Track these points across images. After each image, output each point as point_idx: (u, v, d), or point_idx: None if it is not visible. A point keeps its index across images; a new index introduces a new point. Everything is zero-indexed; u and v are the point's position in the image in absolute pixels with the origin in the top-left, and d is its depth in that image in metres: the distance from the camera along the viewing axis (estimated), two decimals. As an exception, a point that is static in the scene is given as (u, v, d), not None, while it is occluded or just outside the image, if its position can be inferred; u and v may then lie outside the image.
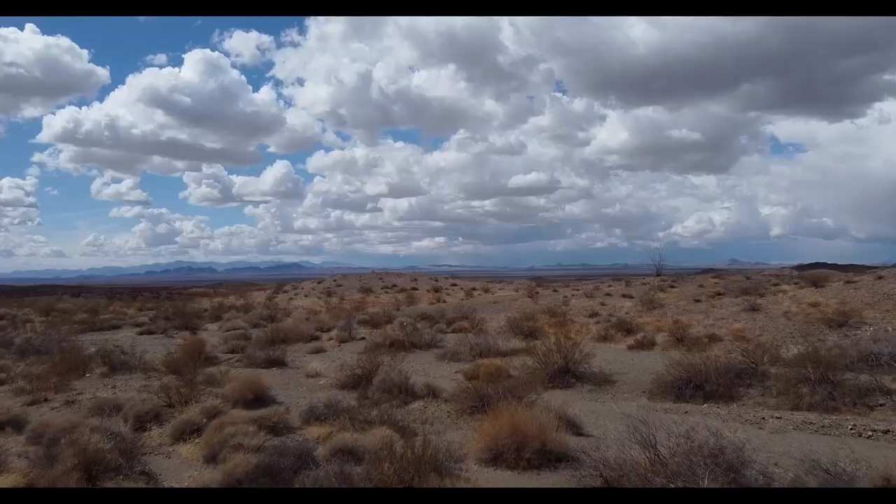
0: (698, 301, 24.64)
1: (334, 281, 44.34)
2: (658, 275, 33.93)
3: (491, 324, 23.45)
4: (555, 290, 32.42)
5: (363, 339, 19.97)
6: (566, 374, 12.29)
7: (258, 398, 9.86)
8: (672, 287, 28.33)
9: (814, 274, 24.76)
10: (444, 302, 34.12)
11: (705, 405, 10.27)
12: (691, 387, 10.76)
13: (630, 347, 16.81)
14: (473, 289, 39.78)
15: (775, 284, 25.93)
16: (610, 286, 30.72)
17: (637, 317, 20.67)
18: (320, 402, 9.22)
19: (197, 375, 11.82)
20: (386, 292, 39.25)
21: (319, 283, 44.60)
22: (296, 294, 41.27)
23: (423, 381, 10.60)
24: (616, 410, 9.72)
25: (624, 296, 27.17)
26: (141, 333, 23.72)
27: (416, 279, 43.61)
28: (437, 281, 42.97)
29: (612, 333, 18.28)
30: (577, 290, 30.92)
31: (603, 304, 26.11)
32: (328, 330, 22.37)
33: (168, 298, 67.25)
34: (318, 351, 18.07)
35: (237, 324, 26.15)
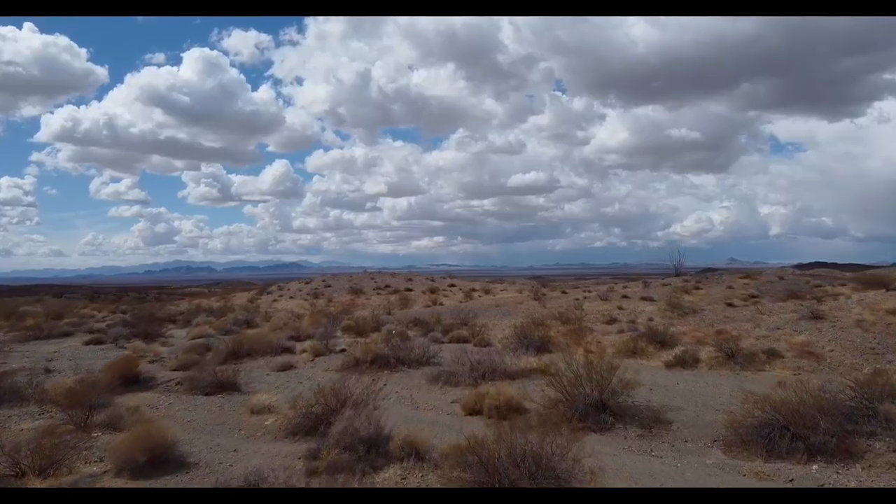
0: (731, 305, 21.48)
1: (323, 281, 41.07)
2: (678, 274, 30.70)
3: (494, 332, 20.23)
4: (563, 292, 29.20)
5: (343, 350, 16.76)
6: (602, 411, 9.07)
7: (156, 460, 6.62)
8: (697, 288, 25.13)
9: (872, 274, 21.53)
10: (441, 305, 30.91)
11: (814, 467, 7.07)
12: (788, 436, 7.54)
13: (668, 365, 13.60)
14: (473, 290, 36.54)
15: (817, 286, 22.73)
16: (626, 287, 27.52)
17: (667, 324, 17.46)
18: (249, 470, 6.03)
19: (95, 414, 8.60)
20: (378, 293, 36.03)
21: (307, 283, 41.31)
22: (281, 295, 38.02)
23: (403, 429, 7.34)
24: (688, 477, 6.52)
25: (644, 299, 23.96)
26: (88, 343, 20.47)
27: (410, 279, 40.36)
28: (433, 281, 39.72)
29: (642, 346, 15.07)
30: (589, 291, 27.73)
31: (621, 307, 22.92)
32: (306, 338, 19.16)
33: (156, 299, 64.11)
34: (287, 368, 14.86)
35: (204, 330, 22.95)
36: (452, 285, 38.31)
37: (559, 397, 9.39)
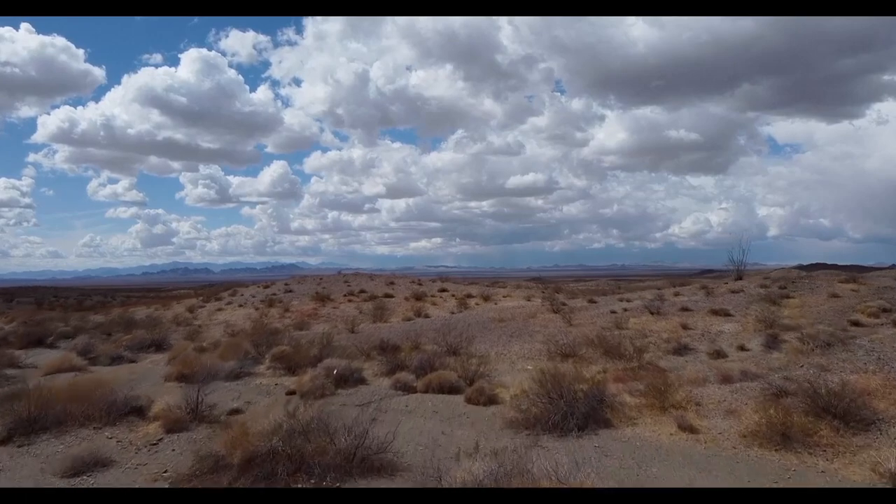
0: (856, 324, 14.09)
1: (286, 285, 33.51)
2: (739, 278, 23.28)
3: (500, 368, 12.86)
4: (591, 301, 21.70)
5: (231, 413, 9.35)
6: None
7: None
8: (787, 297, 17.71)
9: None
10: (426, 317, 23.47)
11: None
12: None
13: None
14: (469, 295, 29.05)
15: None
16: (677, 294, 20.12)
17: (817, 367, 9.97)
18: None
19: None
20: (350, 301, 28.49)
21: (267, 287, 33.74)
22: (229, 302, 30.51)
23: None
24: None
25: (716, 313, 16.51)
26: None
27: (393, 282, 32.86)
28: (420, 285, 32.21)
29: (805, 425, 7.52)
30: (628, 299, 20.30)
31: (686, 326, 15.50)
32: (206, 375, 11.71)
33: (122, 304, 56.79)
34: (97, 462, 7.46)
35: (69, 359, 15.55)
36: (444, 290, 30.76)
37: None
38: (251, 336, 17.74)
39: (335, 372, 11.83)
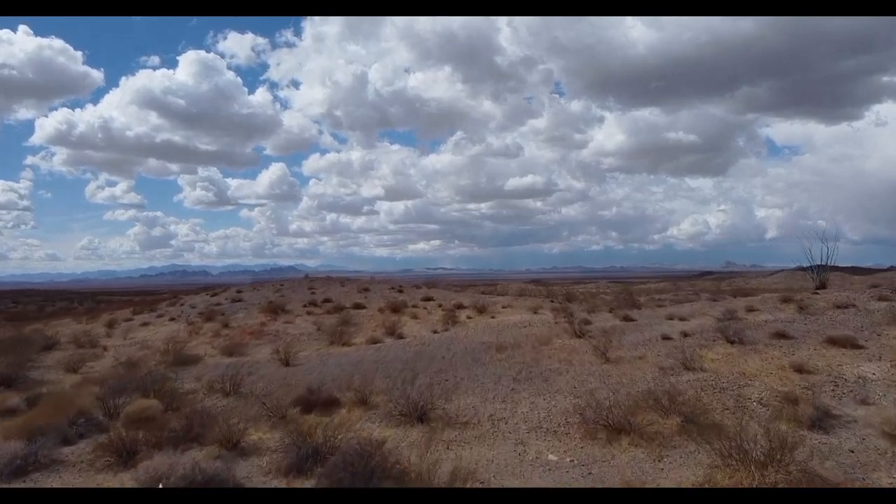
0: None
1: (238, 292, 27.46)
2: (822, 286, 17.33)
3: (501, 459, 6.88)
4: (626, 319, 15.63)
5: None
6: None
7: None
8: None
9: None
10: (401, 336, 17.46)
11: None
12: None
13: None
14: (460, 305, 23.06)
15: None
16: (752, 310, 14.11)
17: None
18: None
19: None
20: (310, 312, 22.51)
21: (215, 294, 27.71)
22: (161, 315, 24.48)
23: None
24: None
25: (835, 342, 10.53)
26: None
27: (367, 289, 26.87)
28: (401, 292, 26.25)
29: None
30: (680, 316, 14.26)
31: (801, 367, 9.48)
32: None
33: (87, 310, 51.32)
34: None
35: None
36: (429, 298, 24.75)
37: None
38: (118, 376, 11.72)
39: (160, 485, 5.87)
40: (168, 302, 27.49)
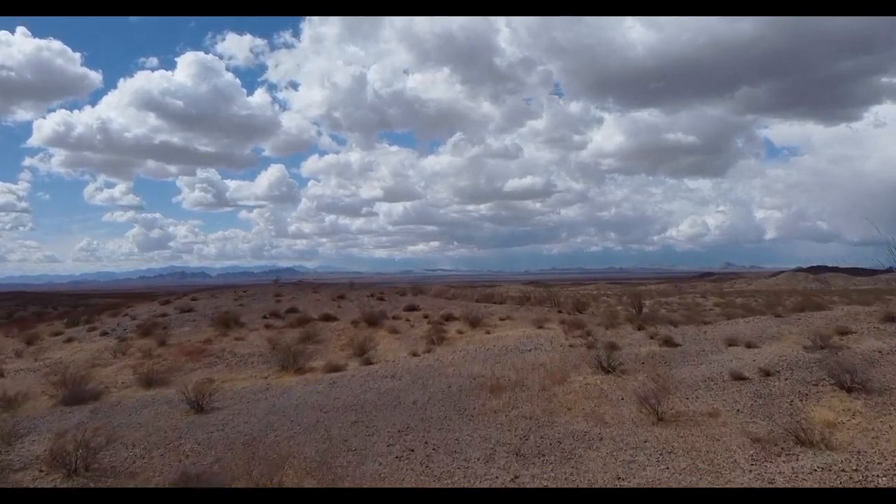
0: None
1: (192, 299, 23.59)
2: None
3: None
4: (667, 342, 11.74)
5: None
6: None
7: None
8: None
9: None
10: (369, 362, 13.62)
11: None
12: None
13: None
14: (448, 317, 19.19)
15: None
16: (846, 332, 10.35)
17: None
18: None
19: None
20: (268, 326, 18.66)
21: (167, 302, 23.82)
22: (95, 327, 20.57)
23: None
24: None
25: None
26: None
27: (343, 296, 23.07)
28: (382, 300, 22.44)
29: None
30: (749, 342, 10.41)
31: None
32: None
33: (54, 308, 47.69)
34: None
35: None
36: (413, 308, 20.90)
37: None
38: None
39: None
40: (110, 311, 23.59)
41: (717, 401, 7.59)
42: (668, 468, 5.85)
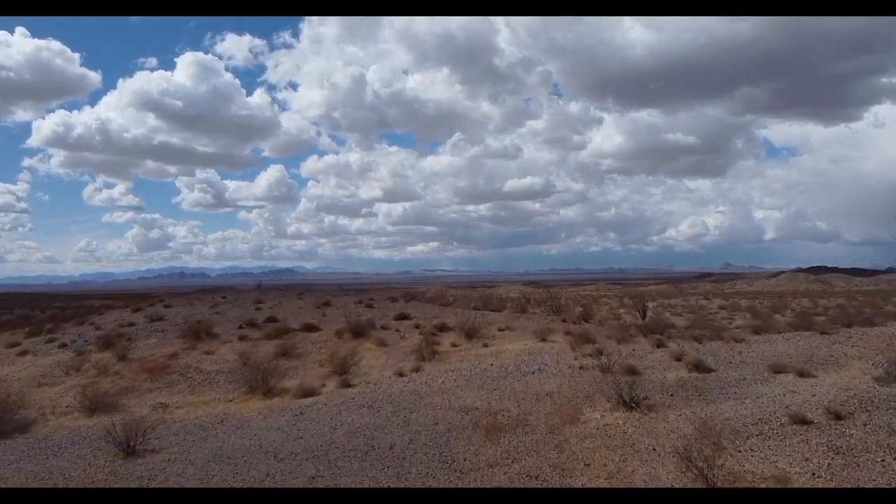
0: None
1: (166, 306, 21.82)
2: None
3: None
4: (698, 369, 9.95)
5: None
6: None
7: None
8: None
9: None
10: (348, 385, 11.86)
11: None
12: None
13: None
14: (442, 327, 17.42)
15: None
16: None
17: None
18: None
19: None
20: (243, 338, 16.91)
21: (139, 310, 22.01)
22: (54, 338, 18.76)
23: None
24: None
25: None
26: None
27: (329, 303, 21.39)
28: (371, 307, 20.70)
29: None
30: (801, 369, 8.68)
31: None
32: None
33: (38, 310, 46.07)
34: None
35: None
36: (404, 317, 19.14)
37: None
38: None
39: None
40: (76, 321, 21.78)
41: (779, 456, 5.83)
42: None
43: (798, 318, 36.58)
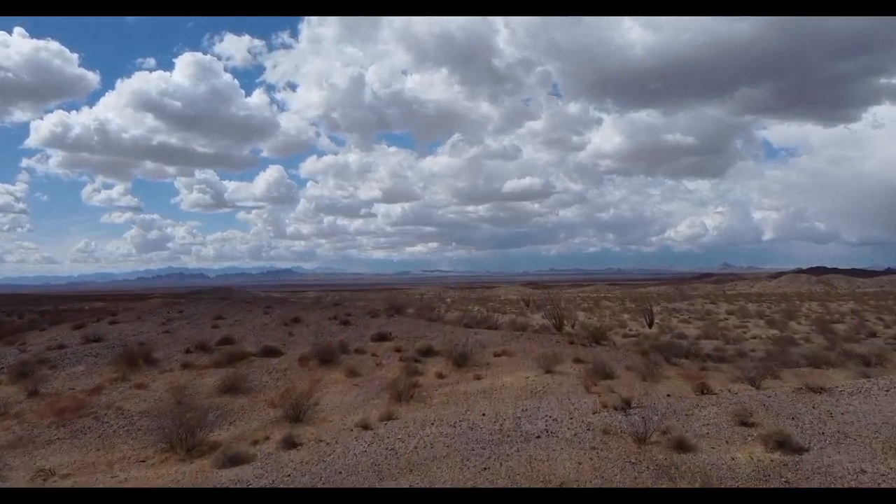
0: None
1: (111, 323, 19.05)
2: None
3: None
4: (777, 439, 7.17)
5: None
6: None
7: None
8: None
9: None
10: (293, 445, 9.08)
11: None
12: None
13: None
14: (428, 351, 14.55)
15: None
16: None
17: None
18: None
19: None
20: (188, 365, 14.04)
21: (80, 327, 19.13)
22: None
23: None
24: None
25: None
26: None
27: (299, 318, 18.50)
28: (346, 325, 17.84)
29: None
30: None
31: None
32: None
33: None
34: None
35: None
36: (383, 339, 16.28)
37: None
38: None
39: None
40: (7, 339, 18.85)
41: None
42: None
43: (816, 326, 33.79)
